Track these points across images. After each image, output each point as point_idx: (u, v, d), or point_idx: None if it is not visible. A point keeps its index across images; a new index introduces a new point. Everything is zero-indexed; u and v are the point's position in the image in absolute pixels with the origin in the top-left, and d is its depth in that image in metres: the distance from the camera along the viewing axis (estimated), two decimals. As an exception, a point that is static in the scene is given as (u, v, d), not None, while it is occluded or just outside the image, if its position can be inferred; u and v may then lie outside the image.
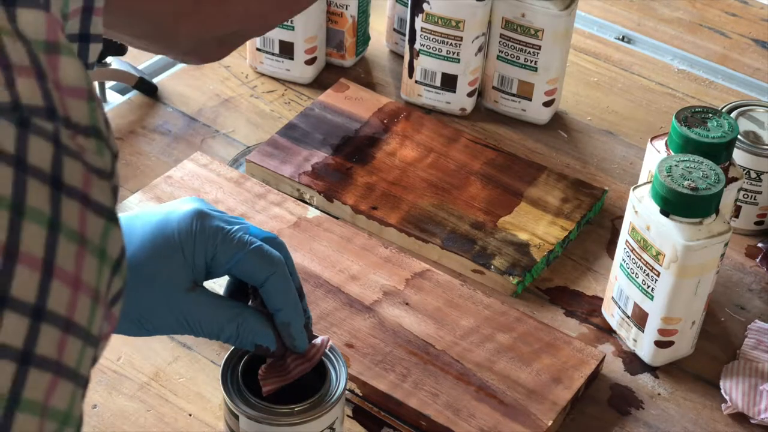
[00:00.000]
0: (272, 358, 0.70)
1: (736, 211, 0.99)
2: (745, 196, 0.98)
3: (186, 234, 0.66)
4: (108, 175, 0.44)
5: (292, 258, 0.71)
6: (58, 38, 0.42)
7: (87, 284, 0.41)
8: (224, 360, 0.74)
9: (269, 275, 0.67)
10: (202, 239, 0.66)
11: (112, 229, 0.43)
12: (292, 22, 1.09)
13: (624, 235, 0.85)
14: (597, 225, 1.00)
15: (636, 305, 0.86)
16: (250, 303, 0.70)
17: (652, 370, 0.87)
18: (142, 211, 0.69)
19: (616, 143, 1.10)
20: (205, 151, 1.04)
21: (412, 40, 1.08)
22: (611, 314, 0.90)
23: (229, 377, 0.73)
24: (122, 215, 0.66)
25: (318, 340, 0.71)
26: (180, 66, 1.16)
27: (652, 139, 0.91)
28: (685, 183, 0.80)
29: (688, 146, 0.85)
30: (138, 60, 1.16)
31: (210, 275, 0.68)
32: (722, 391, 0.85)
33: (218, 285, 0.73)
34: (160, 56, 1.18)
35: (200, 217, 0.67)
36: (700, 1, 1.31)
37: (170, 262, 0.66)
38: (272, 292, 0.68)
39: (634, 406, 0.85)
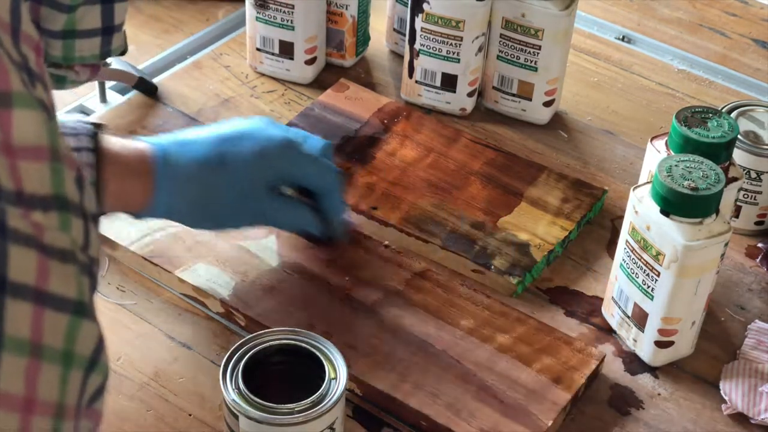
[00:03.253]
0: (314, 241, 0.91)
1: (736, 211, 0.99)
2: (745, 196, 0.98)
3: (283, 160, 0.85)
4: (73, 256, 0.38)
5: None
6: (11, 87, 0.37)
7: (44, 402, 0.36)
8: (224, 360, 0.75)
9: (329, 185, 0.87)
10: (294, 164, 0.85)
11: (79, 324, 0.37)
12: (292, 22, 1.09)
13: (624, 235, 0.85)
14: (597, 225, 1.00)
15: (636, 305, 0.86)
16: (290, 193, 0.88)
17: (652, 370, 0.87)
18: (232, 130, 0.84)
19: (616, 143, 1.10)
20: (205, 151, 1.04)
21: (412, 40, 1.08)
22: (611, 314, 0.90)
23: (229, 377, 0.73)
24: (207, 131, 0.84)
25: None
26: (180, 66, 1.16)
27: (652, 139, 0.91)
28: (685, 183, 0.80)
29: (688, 146, 0.85)
30: (138, 60, 1.16)
31: (287, 184, 0.87)
32: (722, 392, 0.85)
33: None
34: (160, 56, 1.18)
35: (291, 145, 0.85)
36: (700, 1, 1.31)
37: (268, 177, 0.84)
38: (329, 197, 0.88)
39: (634, 406, 0.85)
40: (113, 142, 0.78)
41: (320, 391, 0.73)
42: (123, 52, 1.05)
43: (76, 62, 0.61)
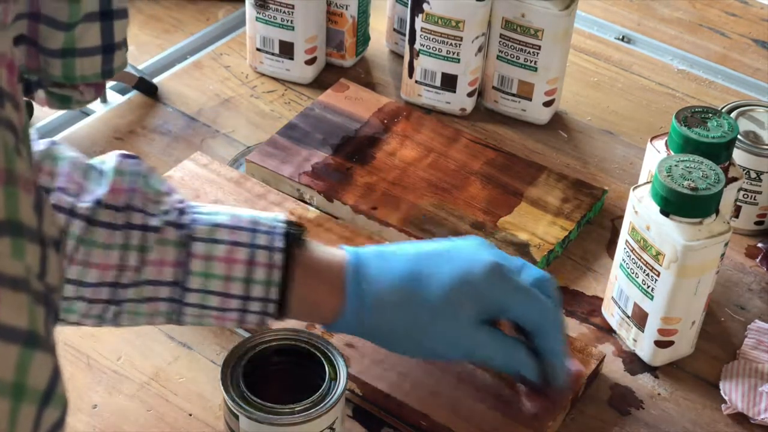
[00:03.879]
0: (530, 386, 0.80)
1: (736, 211, 0.99)
2: (745, 196, 0.98)
3: (489, 287, 0.75)
4: (26, 284, 0.36)
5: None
6: None
7: None
8: (224, 360, 0.75)
9: (545, 324, 0.77)
10: (501, 293, 0.76)
11: (31, 356, 0.36)
12: (292, 22, 1.09)
13: (624, 235, 0.85)
14: (597, 225, 1.00)
15: (636, 305, 0.86)
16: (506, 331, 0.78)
17: (652, 370, 0.87)
18: (433, 250, 0.77)
19: (616, 143, 1.10)
20: (205, 151, 1.04)
21: (412, 40, 1.08)
22: (611, 314, 0.90)
23: (229, 377, 0.73)
24: (411, 247, 0.78)
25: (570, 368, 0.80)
26: (180, 66, 1.16)
27: (652, 139, 0.91)
28: (685, 183, 0.80)
29: (688, 146, 0.85)
30: (138, 60, 1.16)
31: (495, 316, 0.77)
32: (722, 392, 0.85)
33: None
34: (160, 56, 1.18)
35: (500, 271, 0.76)
36: (700, 1, 1.31)
37: (470, 306, 0.75)
38: (545, 338, 0.76)
39: (634, 406, 0.85)
40: (311, 246, 0.76)
41: (320, 391, 0.73)
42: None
43: (77, 81, 0.61)
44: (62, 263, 0.40)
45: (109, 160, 0.73)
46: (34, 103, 1.08)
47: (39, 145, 0.72)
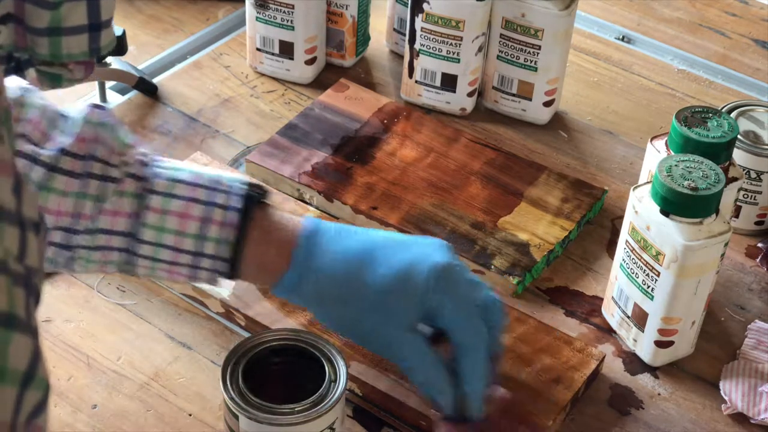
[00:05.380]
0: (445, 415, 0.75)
1: (736, 211, 0.99)
2: (745, 196, 0.98)
3: (432, 286, 0.73)
4: (5, 266, 0.37)
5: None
6: None
7: None
8: (224, 360, 0.75)
9: (473, 344, 0.73)
10: (439, 293, 0.73)
11: (10, 337, 0.36)
12: (292, 22, 1.09)
13: (624, 235, 0.85)
14: (597, 225, 1.00)
15: (636, 305, 0.86)
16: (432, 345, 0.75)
17: (652, 370, 0.87)
18: (391, 238, 0.76)
19: (616, 143, 1.10)
20: (205, 151, 1.04)
21: (412, 40, 1.08)
22: (611, 314, 0.90)
23: (229, 377, 0.73)
24: (373, 231, 0.76)
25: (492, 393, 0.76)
26: (180, 66, 1.16)
27: (652, 139, 0.91)
28: (685, 183, 0.80)
29: (688, 146, 0.85)
30: (138, 60, 1.16)
31: (428, 318, 0.74)
32: (722, 392, 0.85)
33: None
34: (160, 56, 1.18)
35: (447, 273, 0.73)
36: (700, 1, 1.31)
37: (408, 304, 0.73)
38: (468, 360, 0.73)
39: (634, 406, 0.85)
40: (271, 210, 0.76)
41: (320, 391, 0.73)
42: (120, 52, 1.05)
43: (64, 60, 0.61)
44: (43, 246, 0.40)
45: (79, 110, 0.74)
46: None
47: (12, 92, 0.72)
